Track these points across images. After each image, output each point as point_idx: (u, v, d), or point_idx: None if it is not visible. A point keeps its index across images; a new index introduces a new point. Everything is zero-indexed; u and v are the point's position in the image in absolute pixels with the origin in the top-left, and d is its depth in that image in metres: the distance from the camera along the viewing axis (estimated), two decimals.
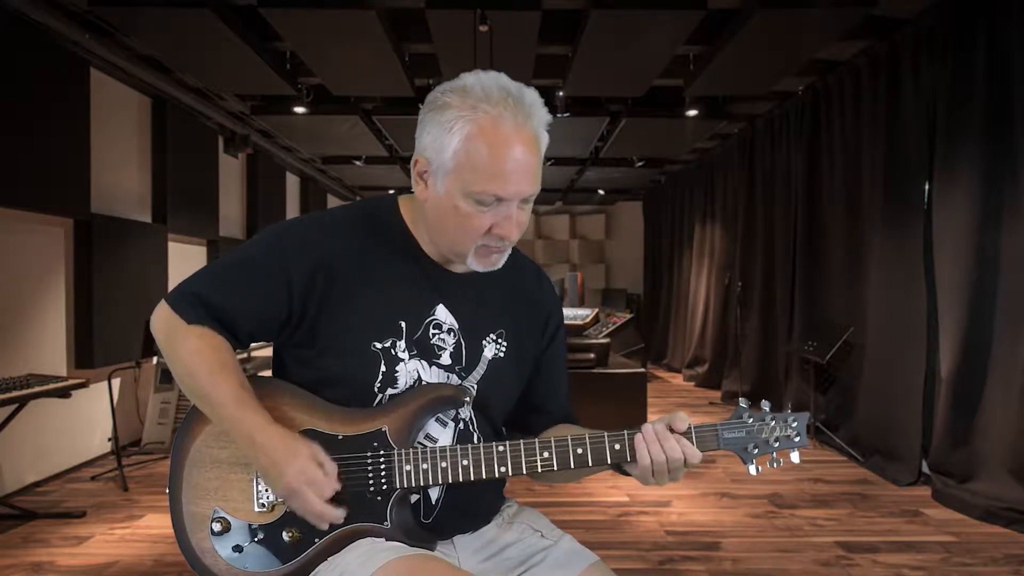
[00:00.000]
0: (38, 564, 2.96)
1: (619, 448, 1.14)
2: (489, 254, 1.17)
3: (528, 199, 1.13)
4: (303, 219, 1.26)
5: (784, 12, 3.76)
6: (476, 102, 1.08)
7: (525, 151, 1.09)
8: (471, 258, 1.16)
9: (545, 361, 1.36)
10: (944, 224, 3.84)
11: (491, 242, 1.14)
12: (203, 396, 1.14)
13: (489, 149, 1.07)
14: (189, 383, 1.15)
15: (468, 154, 1.08)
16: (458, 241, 1.15)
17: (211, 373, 1.13)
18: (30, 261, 4.05)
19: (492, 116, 1.07)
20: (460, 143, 1.08)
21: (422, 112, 1.15)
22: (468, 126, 1.07)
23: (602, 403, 4.92)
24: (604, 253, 11.67)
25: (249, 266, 1.18)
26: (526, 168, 1.09)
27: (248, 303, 1.16)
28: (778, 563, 2.97)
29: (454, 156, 1.09)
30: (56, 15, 3.74)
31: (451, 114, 1.09)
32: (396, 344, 1.18)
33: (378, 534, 1.15)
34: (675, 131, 6.46)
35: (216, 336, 1.15)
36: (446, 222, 1.14)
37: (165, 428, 4.80)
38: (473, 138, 1.07)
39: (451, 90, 1.11)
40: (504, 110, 1.07)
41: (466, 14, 3.79)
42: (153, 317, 1.18)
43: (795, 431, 1.18)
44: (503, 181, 1.08)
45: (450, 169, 1.10)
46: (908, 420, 4.07)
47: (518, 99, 1.09)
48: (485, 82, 1.10)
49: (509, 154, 1.08)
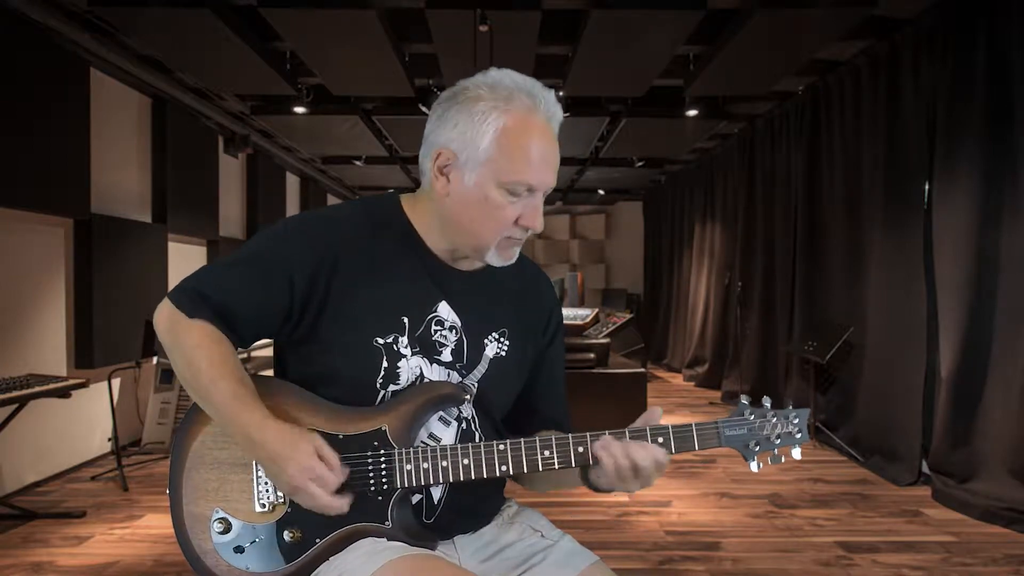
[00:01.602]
0: (38, 564, 2.96)
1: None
2: (510, 247, 1.19)
3: (548, 189, 1.17)
4: (305, 216, 1.26)
5: (784, 12, 3.75)
6: (510, 94, 1.11)
7: (553, 144, 1.16)
8: (492, 251, 1.18)
9: (544, 361, 1.36)
10: (944, 224, 3.84)
11: (515, 233, 1.17)
12: (203, 390, 1.13)
13: (525, 139, 1.11)
14: (189, 377, 1.14)
15: (504, 144, 1.11)
16: (483, 234, 1.16)
17: (211, 367, 1.12)
18: (30, 261, 4.05)
19: (527, 106, 1.12)
20: (496, 133, 1.11)
21: (443, 106, 1.16)
22: (504, 117, 1.11)
23: (602, 403, 4.92)
24: (604, 253, 11.67)
25: (251, 263, 1.18)
26: (555, 160, 1.16)
27: (250, 300, 1.16)
28: (778, 563, 2.97)
29: (489, 146, 1.11)
30: (56, 15, 3.74)
31: (484, 105, 1.12)
32: (398, 340, 1.19)
33: (379, 534, 1.15)
34: (675, 131, 6.46)
35: (217, 331, 1.15)
36: (473, 214, 1.15)
37: (165, 428, 4.80)
38: (510, 128, 1.11)
39: (477, 85, 1.14)
40: (535, 103, 1.12)
41: (466, 14, 3.79)
42: (155, 315, 1.19)
43: (796, 427, 1.18)
44: (536, 171, 1.12)
45: (483, 160, 1.12)
46: (908, 420, 4.07)
47: (543, 97, 1.14)
48: (513, 77, 1.14)
49: (543, 144, 1.13)
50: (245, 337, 1.20)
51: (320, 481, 1.09)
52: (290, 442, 1.09)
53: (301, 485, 1.08)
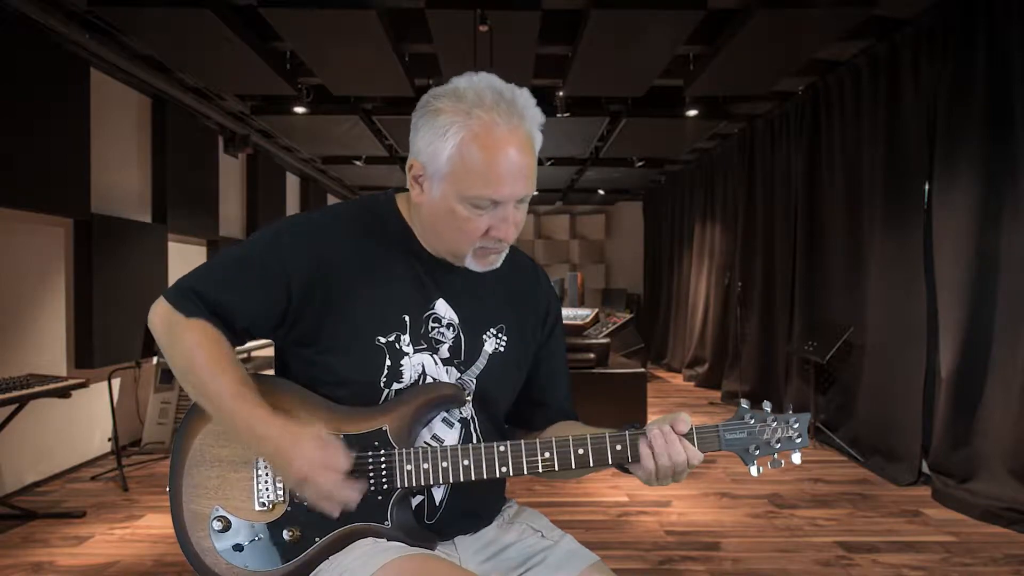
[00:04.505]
0: (38, 564, 2.96)
1: (620, 449, 1.14)
2: (487, 255, 1.18)
3: (523, 199, 1.14)
4: (301, 217, 1.26)
5: (784, 12, 3.75)
6: (469, 107, 1.08)
7: (519, 153, 1.09)
8: (469, 259, 1.17)
9: (544, 355, 1.36)
10: (944, 224, 3.84)
11: (488, 244, 1.15)
12: (203, 389, 1.13)
13: (483, 154, 1.07)
14: (190, 377, 1.14)
15: (463, 159, 1.08)
16: (455, 243, 1.16)
17: (211, 365, 1.13)
18: (30, 261, 4.05)
19: (485, 121, 1.07)
20: (454, 148, 1.08)
21: (415, 116, 1.15)
22: (462, 131, 1.08)
23: (602, 403, 4.92)
24: (604, 253, 11.66)
25: (247, 263, 1.18)
26: (520, 170, 1.10)
27: (245, 299, 1.16)
28: (778, 563, 2.97)
29: (448, 161, 1.09)
30: (56, 15, 3.74)
31: (444, 119, 1.09)
32: (400, 338, 1.19)
33: (379, 534, 1.15)
34: (675, 131, 6.46)
35: (215, 330, 1.15)
36: (443, 225, 1.15)
37: (165, 428, 4.80)
38: (467, 143, 1.08)
39: (443, 95, 1.11)
40: (497, 115, 1.08)
41: (466, 14, 3.79)
42: (151, 313, 1.18)
43: (796, 432, 1.18)
44: (498, 185, 1.09)
45: (445, 174, 1.10)
46: (908, 420, 4.07)
47: (510, 102, 1.09)
48: (477, 86, 1.10)
49: (503, 158, 1.08)
50: (240, 337, 1.20)
51: (328, 467, 1.08)
52: (295, 433, 1.09)
53: (308, 474, 1.07)
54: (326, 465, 1.08)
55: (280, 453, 1.09)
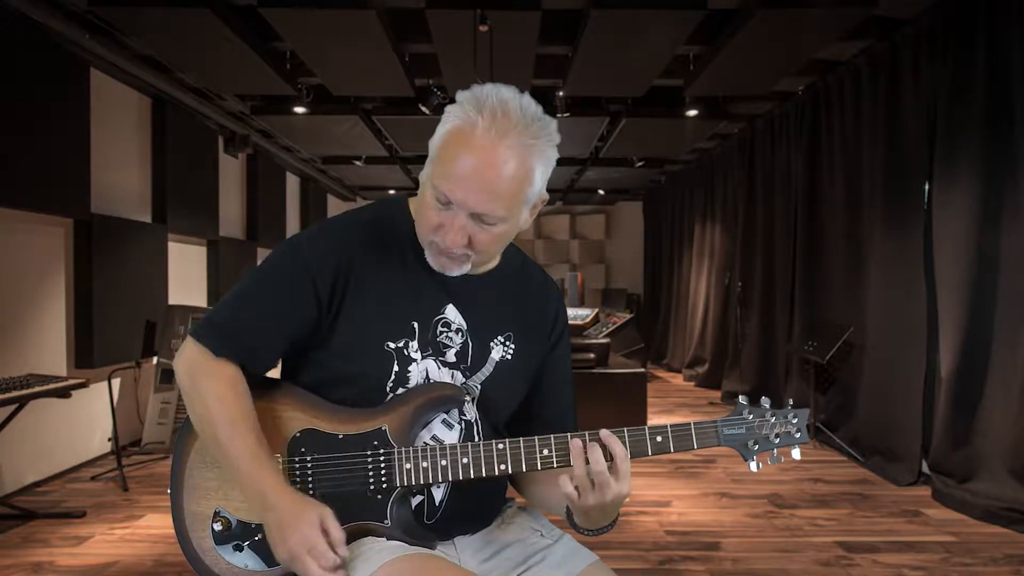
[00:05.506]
0: (38, 564, 2.96)
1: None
2: (439, 255, 1.16)
3: (485, 218, 1.11)
4: (315, 229, 1.26)
5: (784, 12, 3.75)
6: (470, 105, 1.10)
7: (483, 166, 1.07)
8: (427, 253, 1.18)
9: (546, 367, 1.34)
10: (944, 224, 3.84)
11: (438, 240, 1.14)
12: (219, 444, 1.14)
13: (454, 149, 1.09)
14: (207, 429, 1.15)
15: (443, 146, 1.12)
16: (419, 228, 1.18)
17: (231, 423, 1.12)
18: (30, 261, 4.05)
19: (471, 121, 1.08)
20: (443, 135, 1.12)
21: None
22: (453, 122, 1.11)
23: (602, 403, 4.92)
24: (604, 253, 11.66)
25: (273, 282, 1.19)
26: (479, 182, 1.08)
27: (278, 319, 1.17)
28: (778, 563, 2.97)
29: (436, 143, 1.13)
30: (56, 15, 3.73)
31: (452, 108, 1.13)
32: (409, 344, 1.19)
33: (378, 533, 1.15)
34: (675, 131, 6.45)
35: (241, 381, 1.16)
36: (417, 204, 1.19)
37: (165, 428, 4.80)
38: (451, 133, 1.11)
39: (469, 91, 1.14)
40: (481, 120, 1.07)
41: (466, 14, 3.79)
42: (177, 356, 1.19)
43: (796, 427, 1.17)
44: (452, 183, 1.09)
45: (432, 155, 1.14)
46: (908, 420, 4.07)
47: (502, 114, 1.07)
48: (490, 91, 1.10)
49: (465, 161, 1.08)
50: (272, 362, 1.21)
51: (316, 555, 1.07)
52: (299, 511, 1.09)
53: (298, 555, 1.07)
54: (316, 551, 1.07)
55: (281, 526, 1.09)
